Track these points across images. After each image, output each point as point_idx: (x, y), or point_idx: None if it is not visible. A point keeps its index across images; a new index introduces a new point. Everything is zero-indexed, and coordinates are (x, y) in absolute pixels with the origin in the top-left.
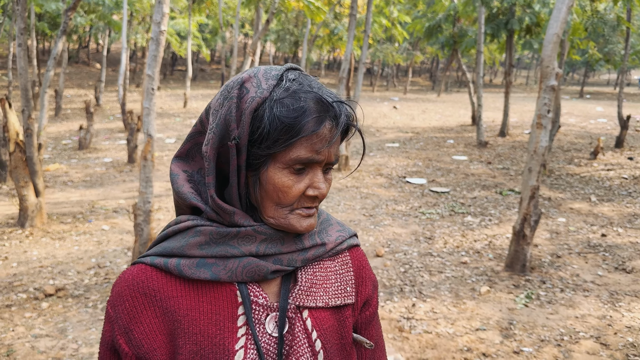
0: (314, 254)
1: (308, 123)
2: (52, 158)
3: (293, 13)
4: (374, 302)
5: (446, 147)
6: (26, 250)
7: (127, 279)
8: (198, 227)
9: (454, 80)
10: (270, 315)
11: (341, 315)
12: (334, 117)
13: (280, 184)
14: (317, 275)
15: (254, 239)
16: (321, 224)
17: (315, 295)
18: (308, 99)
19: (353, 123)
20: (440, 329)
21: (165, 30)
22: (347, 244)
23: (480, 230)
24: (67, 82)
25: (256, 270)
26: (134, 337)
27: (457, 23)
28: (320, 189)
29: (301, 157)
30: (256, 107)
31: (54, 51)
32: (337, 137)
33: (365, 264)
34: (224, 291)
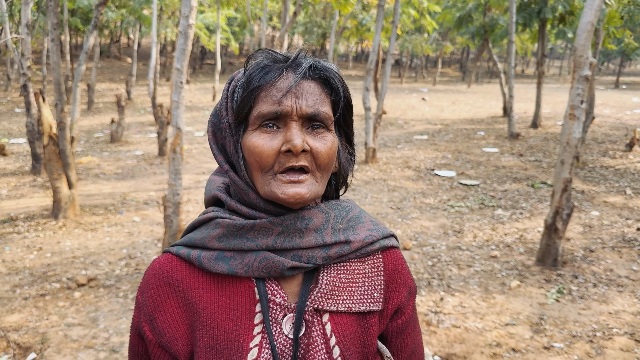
0: (337, 252)
1: (263, 76)
2: (85, 151)
3: (320, 5)
4: (408, 310)
5: (476, 139)
6: (59, 241)
7: (155, 267)
8: (218, 218)
9: (485, 70)
10: (287, 315)
11: (365, 322)
12: (293, 66)
13: (253, 146)
14: (341, 276)
15: (270, 231)
16: (349, 221)
17: (338, 299)
18: (265, 56)
19: (324, 73)
20: (469, 323)
21: (193, 23)
22: (380, 245)
23: (511, 224)
24: (99, 77)
25: (272, 265)
26: (157, 325)
27: (487, 12)
28: (292, 140)
29: (263, 111)
30: (232, 90)
31: (85, 46)
32: (308, 88)
33: (401, 268)
34: (242, 287)
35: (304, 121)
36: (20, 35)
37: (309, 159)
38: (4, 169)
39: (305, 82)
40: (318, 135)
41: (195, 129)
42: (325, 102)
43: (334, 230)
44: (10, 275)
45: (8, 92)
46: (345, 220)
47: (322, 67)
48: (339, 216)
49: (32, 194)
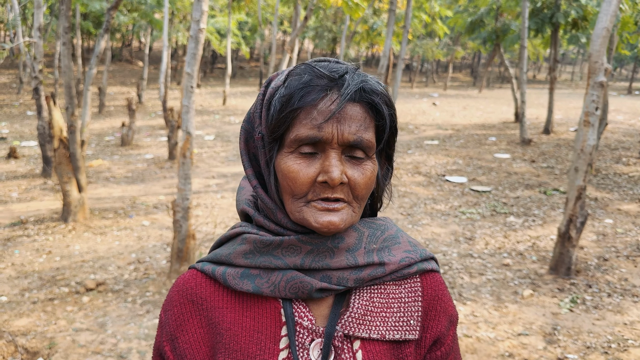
0: (370, 274)
1: (304, 96)
2: (95, 154)
3: (331, 10)
4: (448, 341)
5: (488, 144)
6: (69, 245)
7: (179, 284)
8: (245, 234)
9: (496, 75)
10: (315, 340)
11: (400, 351)
12: (340, 88)
13: (287, 170)
14: (374, 301)
15: (299, 249)
16: (384, 240)
17: (370, 325)
18: (311, 73)
19: (370, 96)
20: (481, 333)
21: (204, 28)
22: (418, 268)
23: (524, 231)
24: (111, 80)
25: (300, 286)
26: (178, 346)
27: (499, 17)
28: (329, 172)
29: (301, 135)
30: (269, 98)
31: (96, 49)
32: (352, 112)
33: (441, 294)
34: (268, 307)
35: (345, 148)
36: (32, 38)
37: (345, 190)
38: (15, 172)
39: (350, 105)
40: (358, 164)
41: (206, 132)
42: (369, 128)
43: (367, 250)
44: (19, 279)
45: (20, 95)
46: (380, 240)
47: (369, 90)
48: (373, 235)
49: (42, 197)
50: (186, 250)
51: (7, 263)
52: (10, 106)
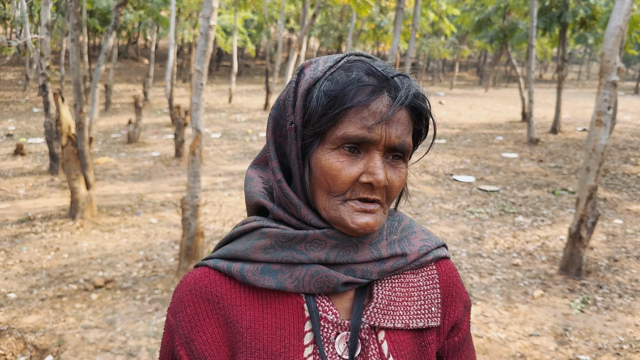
0: (393, 265)
1: (356, 94)
2: (102, 151)
3: (338, 8)
4: (464, 326)
5: (495, 144)
6: (77, 242)
7: (189, 282)
8: (263, 228)
9: (502, 75)
10: (340, 334)
11: (423, 339)
12: (391, 90)
13: (328, 167)
14: (396, 290)
15: (323, 244)
16: (402, 231)
17: (394, 315)
18: (360, 70)
19: (421, 103)
20: (492, 333)
21: (214, 25)
22: (434, 256)
23: (532, 231)
24: (117, 77)
25: (325, 280)
26: (195, 348)
27: (507, 16)
28: (376, 174)
29: (349, 134)
30: (308, 88)
31: (104, 47)
32: (400, 116)
33: (456, 280)
34: (290, 303)
35: (386, 150)
36: (39, 35)
37: (382, 192)
38: (22, 169)
39: (399, 109)
40: (396, 166)
41: (212, 130)
42: (410, 132)
43: (389, 242)
44: (27, 276)
45: (26, 92)
46: (399, 230)
47: (418, 96)
48: (391, 226)
49: (49, 194)
50: (195, 248)
51: (15, 260)
52: (17, 103)
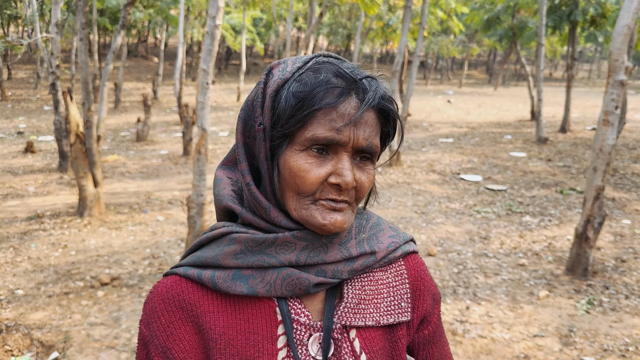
0: (363, 263)
1: (325, 96)
2: (111, 149)
3: (346, 6)
4: (434, 319)
5: (503, 143)
6: (84, 239)
7: (161, 292)
8: (233, 233)
9: (512, 73)
10: (313, 335)
11: (394, 334)
12: (359, 92)
13: (296, 168)
14: (366, 289)
15: (293, 246)
16: (370, 229)
17: (365, 313)
18: (329, 71)
19: (388, 105)
20: (496, 333)
21: (220, 24)
22: (402, 251)
23: (539, 231)
24: (127, 76)
25: (297, 283)
26: (173, 357)
27: (516, 14)
28: (344, 176)
29: (318, 135)
30: (276, 89)
31: (113, 45)
32: (368, 118)
33: (423, 274)
34: (262, 307)
35: (354, 151)
36: (49, 34)
37: (351, 192)
38: (32, 166)
39: (366, 111)
40: (364, 167)
41: (220, 129)
42: (378, 134)
43: (358, 241)
44: (35, 273)
45: (37, 90)
46: (367, 228)
47: (386, 98)
48: (360, 225)
49: (58, 192)
50: None
51: (24, 257)
52: (28, 101)
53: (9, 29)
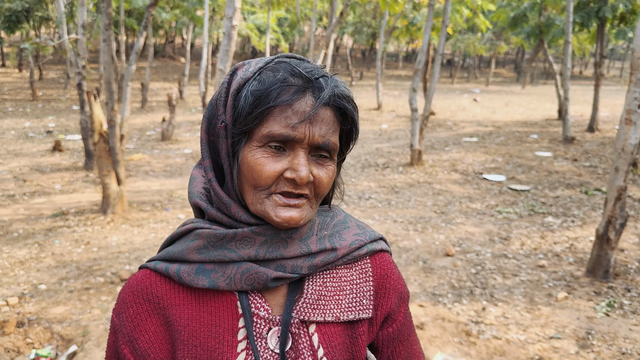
0: (323, 260)
1: (281, 94)
2: (137, 148)
3: (371, 5)
4: (399, 318)
5: (529, 142)
6: (106, 236)
7: (132, 284)
8: (197, 229)
9: (541, 71)
10: (272, 329)
11: (354, 331)
12: (315, 90)
13: (253, 162)
14: (327, 285)
15: (252, 241)
16: (334, 226)
17: (325, 309)
18: (286, 71)
19: (344, 103)
20: (511, 335)
21: (236, 24)
22: (368, 249)
23: (562, 232)
24: (154, 76)
25: (255, 277)
26: (138, 347)
27: (543, 12)
28: (298, 171)
29: (274, 132)
30: (238, 88)
31: (136, 46)
32: (324, 116)
33: (390, 272)
34: (224, 301)
35: (312, 148)
36: (76, 35)
37: (309, 187)
38: (59, 164)
39: (323, 108)
40: (322, 164)
41: None
42: (335, 132)
43: (319, 237)
44: (58, 268)
45: (67, 90)
46: (330, 226)
47: (342, 95)
48: (323, 222)
49: (83, 189)
50: None
51: (48, 252)
52: (58, 101)
53: (41, 30)
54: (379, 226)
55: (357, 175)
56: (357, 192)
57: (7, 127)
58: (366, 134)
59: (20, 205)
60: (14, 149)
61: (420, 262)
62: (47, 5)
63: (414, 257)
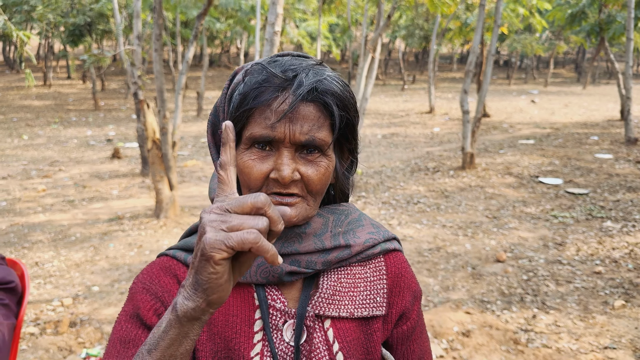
0: (337, 256)
1: (259, 94)
2: (191, 155)
3: (423, 7)
4: (413, 315)
5: (589, 144)
6: (158, 240)
7: (157, 263)
8: None
9: (603, 71)
10: (288, 322)
11: (368, 327)
12: (295, 88)
13: (242, 165)
14: (342, 281)
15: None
16: (349, 224)
17: (339, 304)
18: (267, 72)
19: (325, 98)
20: (562, 344)
21: (279, 30)
22: (382, 248)
23: (621, 237)
24: (209, 85)
25: (270, 270)
26: None
27: (604, 8)
28: (281, 171)
29: (255, 133)
30: (231, 93)
31: (186, 56)
32: (306, 112)
33: (404, 271)
34: (242, 292)
35: (298, 146)
36: (131, 46)
37: (299, 185)
38: (117, 171)
39: (303, 105)
40: (312, 160)
41: None
42: (323, 126)
43: (334, 234)
44: (111, 271)
45: (127, 100)
46: (345, 223)
47: (322, 90)
48: (338, 220)
49: (139, 195)
50: None
51: (102, 256)
52: (118, 110)
53: (103, 43)
54: (427, 231)
55: (406, 180)
56: (405, 196)
57: (71, 135)
58: (417, 138)
59: (79, 210)
60: (75, 157)
61: (469, 267)
62: (108, 18)
63: (463, 262)
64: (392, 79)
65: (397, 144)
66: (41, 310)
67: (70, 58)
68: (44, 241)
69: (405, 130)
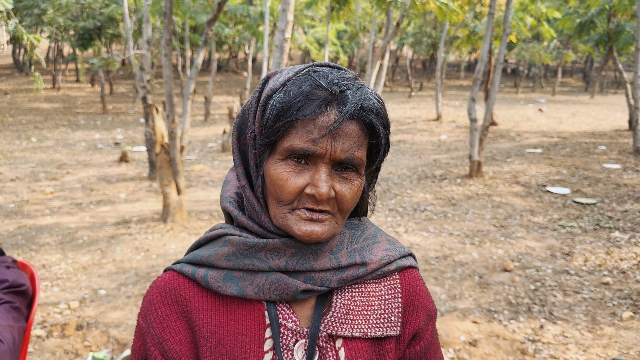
0: (353, 274)
1: (304, 107)
2: (198, 159)
3: (431, 15)
4: (427, 336)
5: (596, 153)
6: (165, 244)
7: (159, 285)
8: (227, 235)
9: (611, 80)
10: (299, 341)
11: (381, 348)
12: (340, 103)
13: (275, 177)
14: (356, 300)
15: (282, 252)
16: (365, 240)
17: (352, 323)
18: (314, 82)
19: (369, 116)
20: (570, 355)
21: (289, 37)
22: (397, 265)
23: (629, 248)
24: (217, 90)
25: (284, 288)
26: (169, 348)
27: (612, 18)
28: (318, 187)
29: (295, 146)
30: (266, 99)
31: (195, 61)
32: (348, 130)
33: (419, 289)
34: (252, 310)
35: (335, 163)
36: (141, 50)
37: (332, 202)
38: (125, 175)
39: (347, 122)
40: (347, 178)
41: None
42: (362, 146)
43: (350, 251)
44: (118, 274)
45: (135, 104)
46: (361, 239)
47: (368, 109)
48: (354, 235)
49: (146, 199)
50: None
51: (109, 259)
52: (126, 114)
53: (112, 47)
54: (434, 239)
55: (413, 187)
56: (412, 204)
57: (79, 139)
58: (424, 145)
59: (86, 214)
60: (83, 160)
61: (476, 277)
62: (117, 23)
63: (470, 271)
64: (399, 86)
65: (404, 151)
66: (48, 313)
67: (80, 62)
68: (51, 244)
69: (412, 137)
